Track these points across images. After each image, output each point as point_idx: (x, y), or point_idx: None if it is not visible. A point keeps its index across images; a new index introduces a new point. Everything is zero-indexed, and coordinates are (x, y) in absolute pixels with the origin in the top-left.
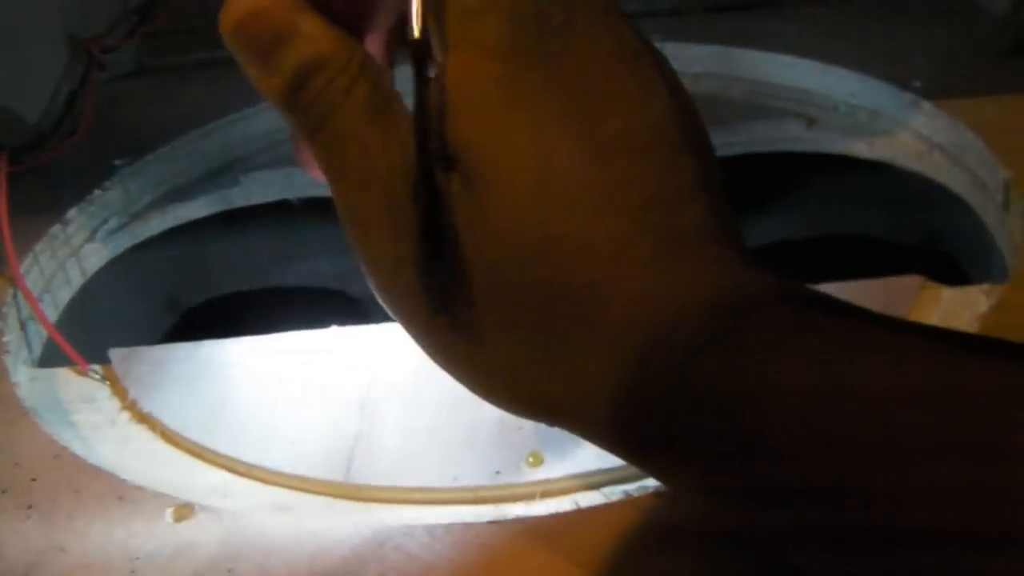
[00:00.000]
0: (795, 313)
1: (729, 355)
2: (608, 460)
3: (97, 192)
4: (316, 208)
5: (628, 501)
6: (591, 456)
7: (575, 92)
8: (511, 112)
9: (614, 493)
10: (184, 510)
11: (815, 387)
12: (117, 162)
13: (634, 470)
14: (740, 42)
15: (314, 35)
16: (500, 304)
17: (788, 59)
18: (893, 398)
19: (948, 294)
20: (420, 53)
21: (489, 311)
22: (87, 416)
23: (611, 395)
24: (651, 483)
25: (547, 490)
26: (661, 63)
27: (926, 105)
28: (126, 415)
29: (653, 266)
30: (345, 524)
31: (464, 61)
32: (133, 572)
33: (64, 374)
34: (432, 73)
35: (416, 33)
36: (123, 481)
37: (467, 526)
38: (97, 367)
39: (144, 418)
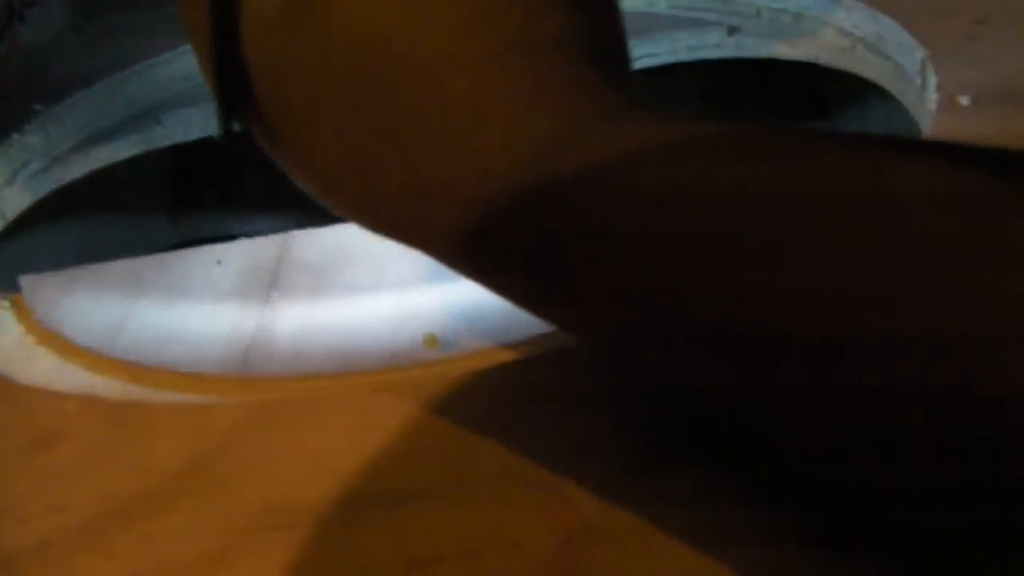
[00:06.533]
0: (652, 125)
1: (583, 161)
2: (503, 339)
3: (16, 136)
4: (253, 156)
5: (516, 360)
6: (486, 337)
7: None
8: None
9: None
10: (72, 403)
11: (665, 190)
12: (37, 107)
13: (530, 347)
14: None
15: None
16: (328, 109)
17: None
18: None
19: None
20: None
21: (307, 121)
22: None
23: (452, 203)
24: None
25: (441, 371)
26: None
27: (847, 0)
28: (32, 338)
29: (498, 65)
30: (231, 404)
31: None
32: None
33: None
34: None
35: None
36: (20, 387)
37: (351, 393)
38: (7, 295)
39: (49, 337)
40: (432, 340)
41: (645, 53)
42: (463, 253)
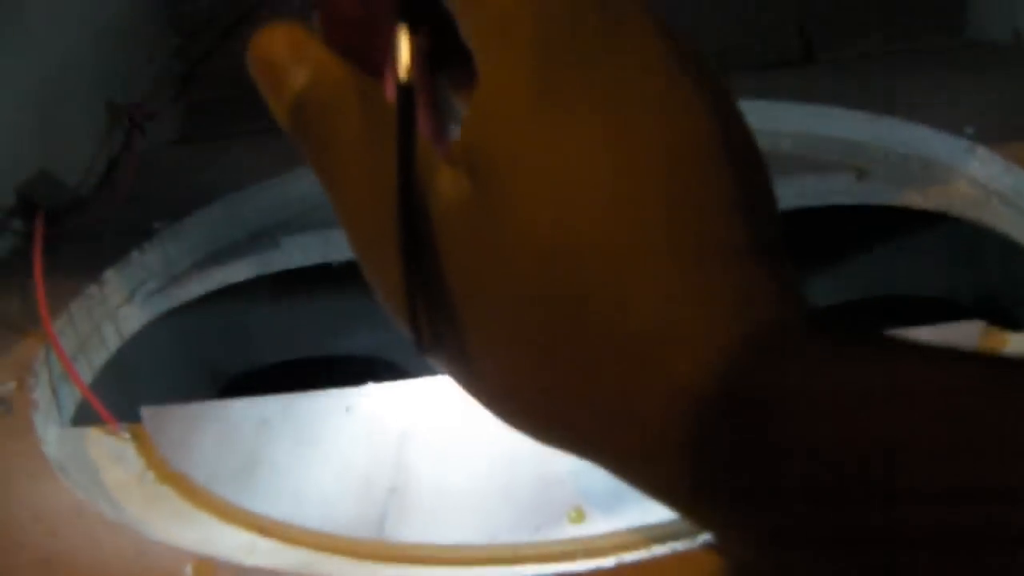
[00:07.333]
0: (844, 342)
1: (786, 384)
2: (654, 516)
3: (135, 254)
4: (358, 274)
5: (674, 556)
6: (636, 511)
7: (610, 96)
8: (541, 113)
9: (660, 550)
10: (205, 566)
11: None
12: (156, 224)
13: (682, 527)
14: (786, 97)
15: (316, 64)
16: (506, 325)
17: (836, 111)
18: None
19: (1013, 339)
20: (405, 97)
21: (492, 333)
22: (114, 474)
23: (655, 431)
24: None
25: (590, 547)
26: (711, 81)
27: (980, 150)
28: (153, 474)
29: (683, 282)
30: None
31: (496, 62)
32: None
33: (93, 433)
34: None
35: (402, 75)
36: (144, 537)
37: None
38: (126, 426)
39: (172, 476)
40: (579, 514)
41: None
42: (656, 469)
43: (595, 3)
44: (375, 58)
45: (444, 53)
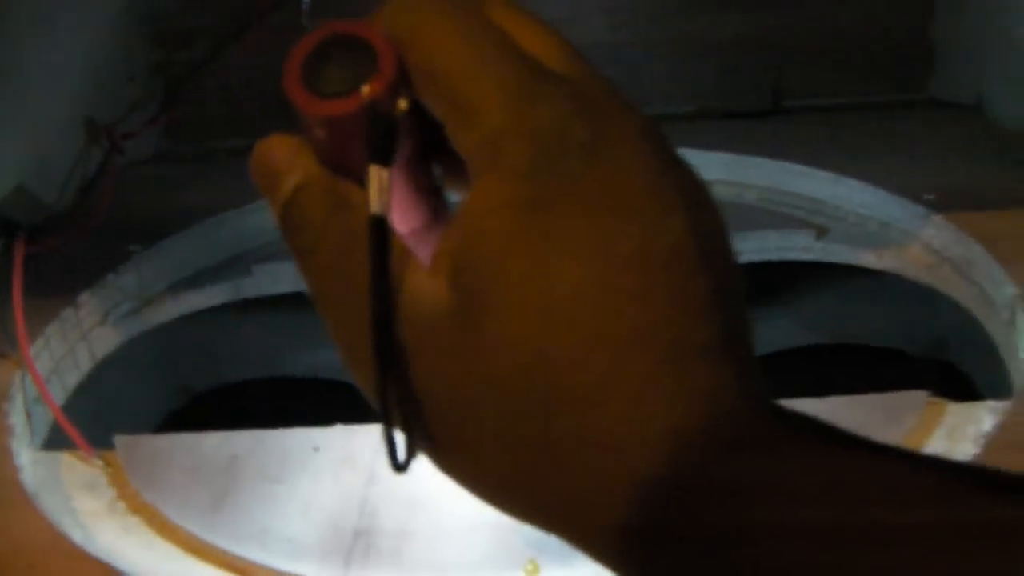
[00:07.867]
0: (796, 449)
1: (728, 487)
2: (608, 572)
3: (111, 276)
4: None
5: None
6: (591, 567)
7: (592, 210)
8: (527, 229)
9: None
10: None
11: (821, 529)
12: (132, 247)
13: None
14: (753, 149)
15: (304, 172)
16: (476, 423)
17: (799, 168)
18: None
19: (952, 409)
20: (376, 231)
21: (462, 430)
22: (87, 503)
23: (607, 517)
24: None
25: None
26: (688, 181)
27: (936, 218)
28: (124, 504)
29: (652, 386)
30: None
31: (485, 179)
32: None
33: (67, 459)
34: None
35: (372, 209)
36: (120, 573)
37: None
38: (99, 453)
39: (143, 508)
40: (535, 567)
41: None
42: (618, 552)
43: (581, 114)
44: (359, 169)
45: (438, 141)
